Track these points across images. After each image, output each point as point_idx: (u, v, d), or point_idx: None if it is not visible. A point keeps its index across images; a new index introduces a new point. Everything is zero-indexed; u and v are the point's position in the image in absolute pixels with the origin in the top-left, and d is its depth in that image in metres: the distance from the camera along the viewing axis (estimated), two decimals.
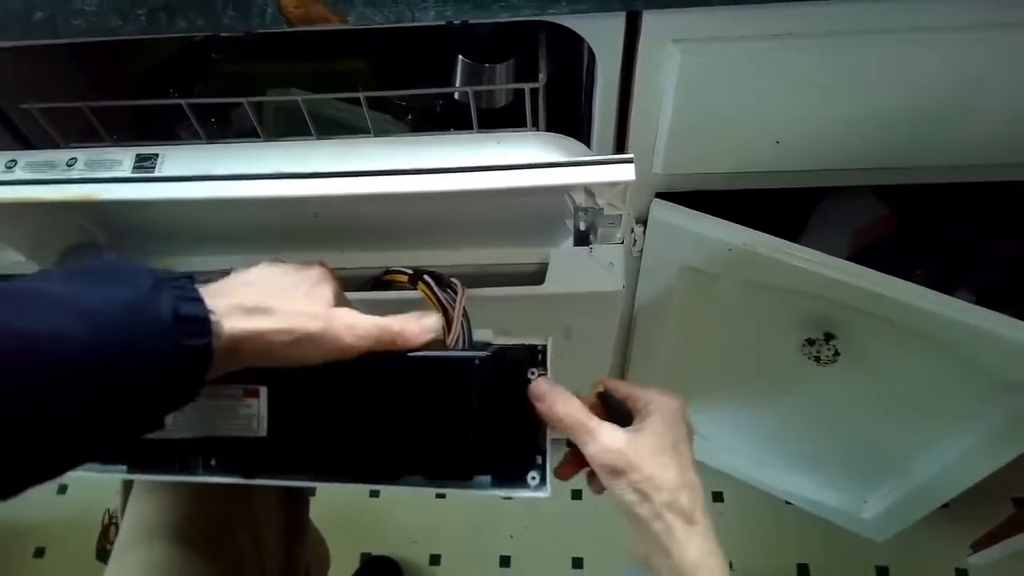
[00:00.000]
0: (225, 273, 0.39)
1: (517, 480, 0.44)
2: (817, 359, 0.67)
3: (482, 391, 0.43)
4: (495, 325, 0.49)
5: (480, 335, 0.48)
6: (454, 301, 0.50)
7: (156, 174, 0.48)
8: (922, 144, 0.57)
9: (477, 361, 0.43)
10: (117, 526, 0.71)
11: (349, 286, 0.56)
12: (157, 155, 0.49)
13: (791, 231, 0.65)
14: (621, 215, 0.49)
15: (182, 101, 0.59)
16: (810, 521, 1.05)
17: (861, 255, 0.84)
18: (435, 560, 1.10)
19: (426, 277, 0.51)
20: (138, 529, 0.49)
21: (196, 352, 0.33)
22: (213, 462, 0.45)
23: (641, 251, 0.68)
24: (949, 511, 0.90)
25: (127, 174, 0.48)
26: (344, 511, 1.15)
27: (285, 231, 0.57)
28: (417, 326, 0.41)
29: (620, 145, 0.60)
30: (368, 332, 0.39)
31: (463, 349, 0.46)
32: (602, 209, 0.48)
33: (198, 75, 0.75)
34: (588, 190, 0.46)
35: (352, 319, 0.39)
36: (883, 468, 0.82)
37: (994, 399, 0.61)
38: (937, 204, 0.84)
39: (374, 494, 1.17)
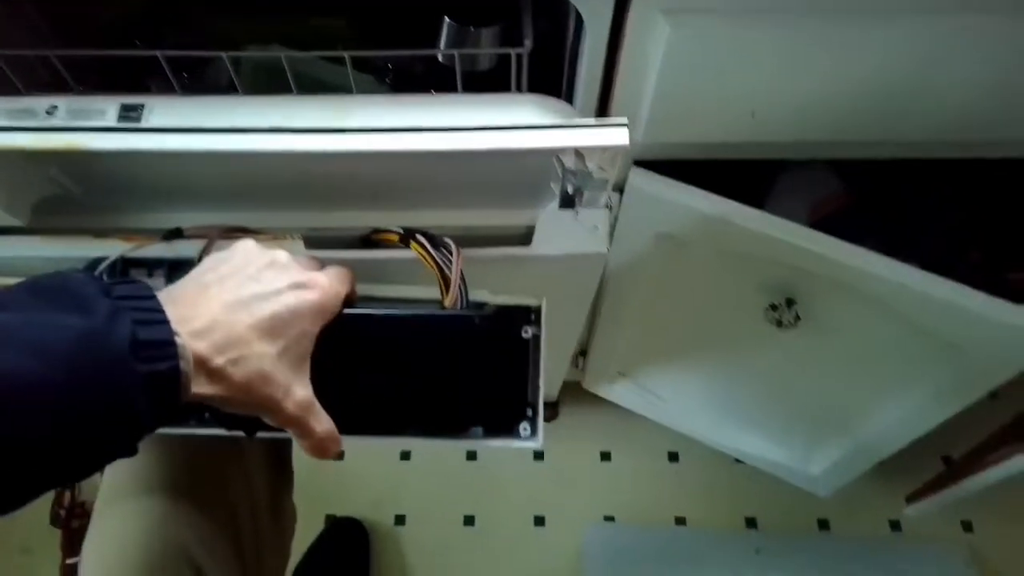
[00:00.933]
0: (209, 234, 0.39)
1: (509, 431, 0.46)
2: (779, 323, 0.70)
3: (478, 349, 0.45)
4: (479, 285, 0.51)
5: (476, 295, 0.50)
6: (448, 261, 0.51)
7: (143, 125, 0.48)
8: (884, 119, 0.60)
9: (477, 320, 0.45)
10: (71, 489, 0.71)
11: (336, 245, 0.56)
12: (143, 105, 0.48)
13: (752, 202, 0.68)
14: (608, 179, 0.51)
15: (159, 53, 0.58)
16: (759, 478, 1.11)
17: (818, 225, 0.89)
18: (400, 520, 1.13)
19: (419, 237, 0.52)
20: (125, 483, 0.49)
21: (161, 378, 0.31)
22: (206, 414, 0.46)
23: (616, 217, 0.70)
24: (885, 469, 0.96)
25: (112, 124, 0.47)
26: (308, 475, 1.15)
27: (270, 188, 0.56)
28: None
29: (603, 112, 0.61)
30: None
31: (461, 309, 0.48)
32: (591, 173, 0.50)
33: (169, 28, 0.72)
34: (579, 153, 0.48)
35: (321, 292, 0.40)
36: (831, 426, 0.87)
37: (938, 359, 0.66)
38: (890, 179, 0.89)
39: (337, 457, 1.17)
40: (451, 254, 0.50)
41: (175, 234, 0.53)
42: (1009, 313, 0.58)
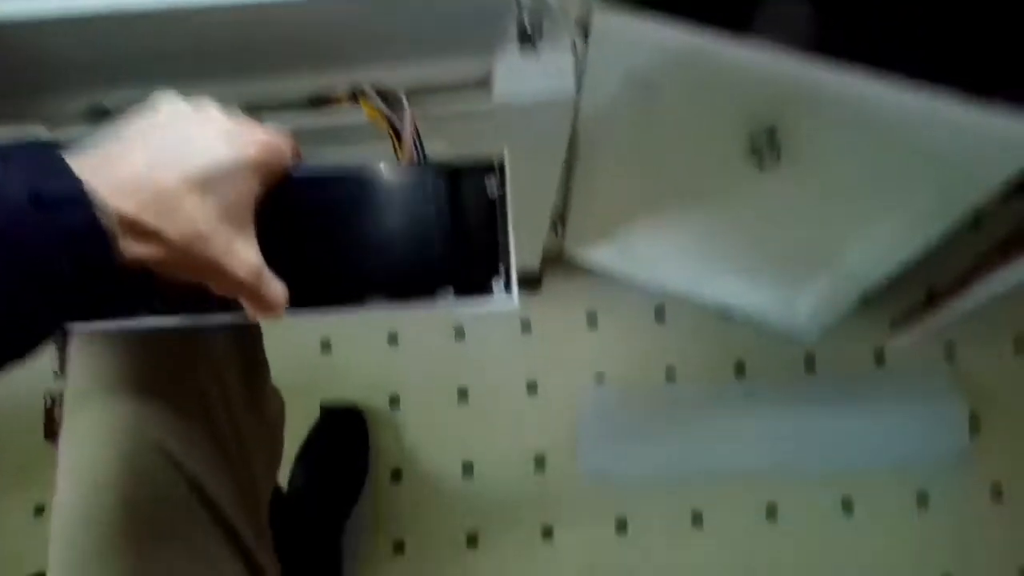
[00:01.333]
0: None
1: (482, 292, 0.44)
2: (760, 164, 0.67)
3: (440, 207, 0.42)
4: (437, 144, 0.47)
5: (434, 153, 0.46)
6: (400, 117, 0.47)
7: None
8: None
9: (434, 175, 0.41)
10: (57, 402, 0.68)
11: (282, 111, 0.52)
12: None
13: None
14: (571, 14, 0.46)
15: None
16: (745, 329, 1.13)
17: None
18: (394, 402, 1.14)
19: (368, 92, 0.48)
20: (88, 385, 0.47)
21: (79, 234, 0.28)
22: (157, 304, 0.43)
23: (583, 64, 0.65)
24: (869, 308, 0.97)
25: None
26: (296, 369, 1.15)
27: (197, 56, 0.51)
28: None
29: None
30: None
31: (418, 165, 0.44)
32: (551, 6, 0.45)
33: None
34: None
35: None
36: (815, 264, 0.86)
37: (922, 176, 0.64)
38: None
39: (325, 348, 1.17)
40: (403, 109, 0.46)
41: (100, 114, 0.48)
42: (994, 116, 0.55)
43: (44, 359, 0.39)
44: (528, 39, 0.49)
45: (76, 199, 0.28)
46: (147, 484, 0.45)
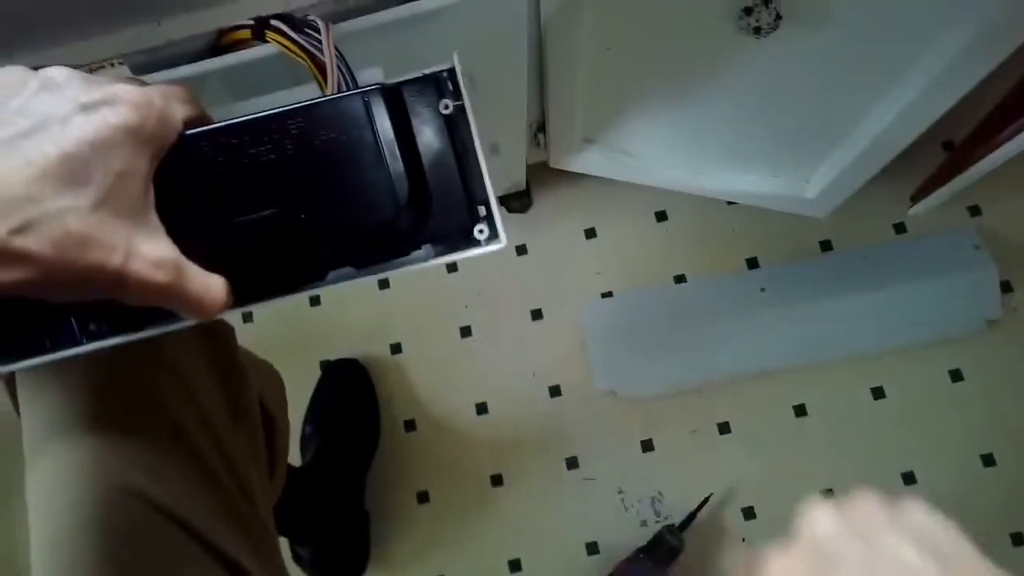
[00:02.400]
0: None
1: (463, 239, 0.37)
2: (757, 31, 0.58)
3: (389, 143, 0.34)
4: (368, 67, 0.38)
5: (366, 76, 0.37)
6: (316, 43, 0.38)
7: None
8: None
9: (366, 99, 0.33)
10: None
11: (176, 63, 0.43)
12: None
13: None
14: None
15: None
16: (753, 216, 1.05)
17: None
18: (396, 349, 1.08)
19: (274, 23, 0.39)
20: (44, 429, 0.41)
21: None
22: (92, 326, 0.36)
23: None
24: (883, 171, 0.89)
25: None
26: (288, 328, 1.10)
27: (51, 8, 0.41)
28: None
29: None
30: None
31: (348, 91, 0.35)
32: None
33: None
34: None
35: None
36: (826, 140, 0.78)
37: (947, 19, 0.55)
38: None
39: (314, 302, 1.11)
40: (319, 32, 0.37)
41: None
42: None
43: None
44: None
45: None
46: (123, 529, 0.40)
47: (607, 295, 1.08)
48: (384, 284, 1.11)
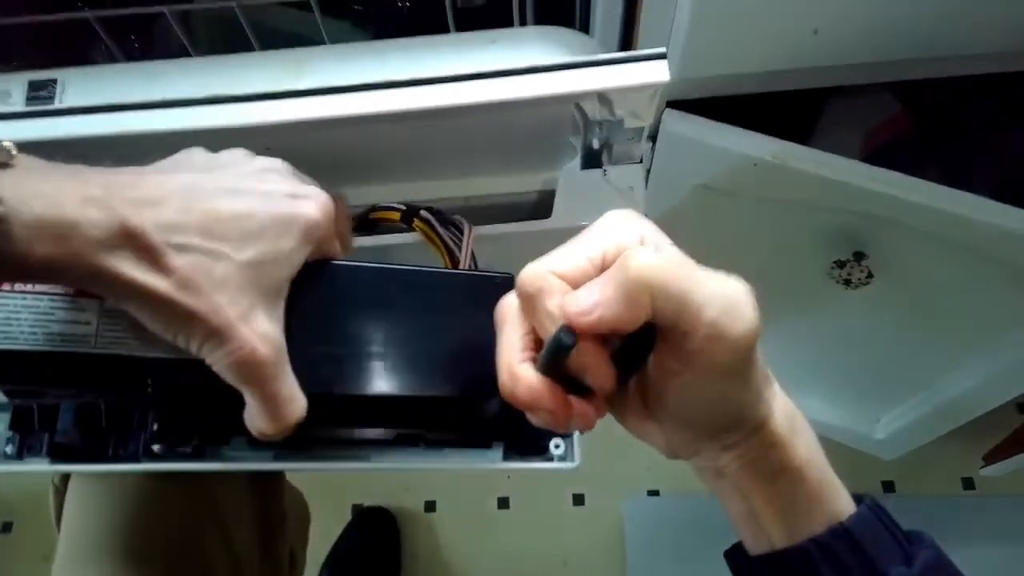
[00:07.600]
0: None
1: (536, 450, 0.37)
2: (848, 282, 0.60)
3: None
4: (491, 265, 0.41)
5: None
6: (457, 240, 0.41)
7: (56, 106, 0.38)
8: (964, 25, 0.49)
9: (499, 283, 0.34)
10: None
11: None
12: (56, 81, 0.39)
13: (797, 137, 0.57)
14: (643, 127, 0.40)
15: (89, 14, 0.48)
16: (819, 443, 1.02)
17: (873, 157, 0.77)
18: (430, 507, 1.06)
19: (423, 213, 0.43)
20: (83, 542, 0.41)
21: None
22: (156, 447, 0.36)
23: (648, 171, 0.59)
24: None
25: (19, 108, 0.38)
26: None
27: None
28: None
29: (627, 44, 0.51)
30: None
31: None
32: (621, 120, 0.39)
33: None
34: (604, 97, 0.38)
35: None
36: (903, 388, 0.77)
37: None
38: (951, 99, 0.76)
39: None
40: (461, 232, 0.41)
41: None
42: None
43: None
44: (594, 157, 0.44)
45: None
46: None
47: (653, 493, 1.04)
48: None
